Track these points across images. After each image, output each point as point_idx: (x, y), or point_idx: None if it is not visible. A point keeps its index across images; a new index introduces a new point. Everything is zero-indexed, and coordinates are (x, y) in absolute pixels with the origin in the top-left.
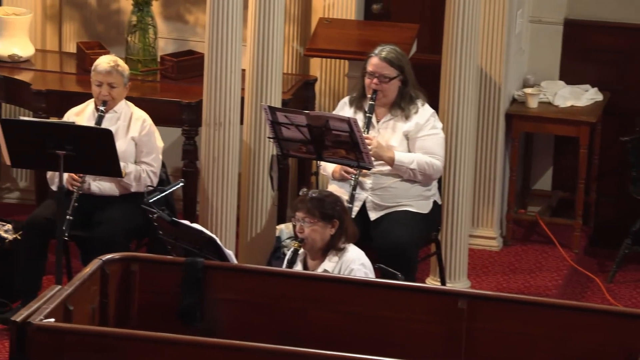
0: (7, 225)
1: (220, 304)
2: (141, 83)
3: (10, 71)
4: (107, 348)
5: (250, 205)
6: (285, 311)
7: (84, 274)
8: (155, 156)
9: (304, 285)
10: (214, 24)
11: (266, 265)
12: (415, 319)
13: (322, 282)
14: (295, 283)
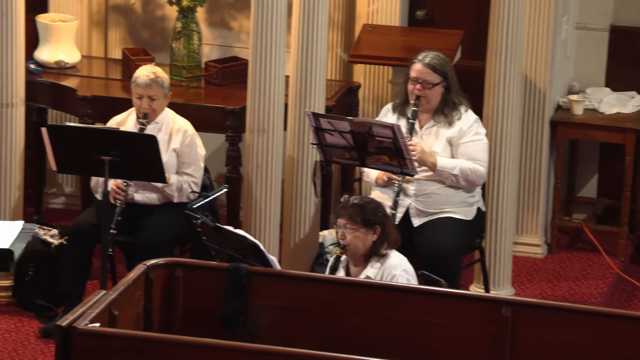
0: (53, 230)
1: (263, 309)
2: (185, 89)
3: (57, 77)
4: (151, 353)
5: (293, 211)
6: (328, 317)
7: (128, 279)
8: (197, 166)
9: (346, 292)
10: (258, 31)
11: (309, 272)
12: (459, 326)
13: (364, 289)
14: (337, 289)
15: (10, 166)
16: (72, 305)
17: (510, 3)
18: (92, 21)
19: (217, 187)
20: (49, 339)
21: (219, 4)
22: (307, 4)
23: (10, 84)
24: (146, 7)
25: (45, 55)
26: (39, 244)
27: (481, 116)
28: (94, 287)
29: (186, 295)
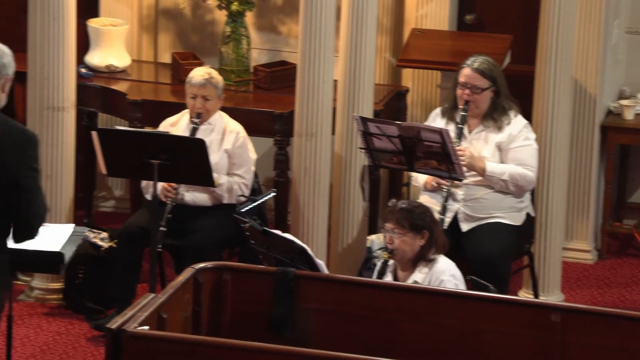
0: (102, 233)
1: (311, 313)
2: (234, 93)
3: (107, 81)
4: (199, 356)
5: (341, 215)
6: (375, 322)
7: (177, 282)
8: (247, 168)
9: (394, 296)
10: (307, 35)
11: (357, 276)
12: (507, 332)
13: (412, 293)
14: (385, 294)
15: (61, 170)
16: (121, 308)
17: (561, 7)
18: (142, 25)
19: (265, 191)
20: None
21: (268, 8)
22: (356, 8)
23: (61, 88)
24: (196, 11)
25: (96, 60)
26: (89, 247)
27: (531, 121)
28: (143, 290)
29: (234, 299)
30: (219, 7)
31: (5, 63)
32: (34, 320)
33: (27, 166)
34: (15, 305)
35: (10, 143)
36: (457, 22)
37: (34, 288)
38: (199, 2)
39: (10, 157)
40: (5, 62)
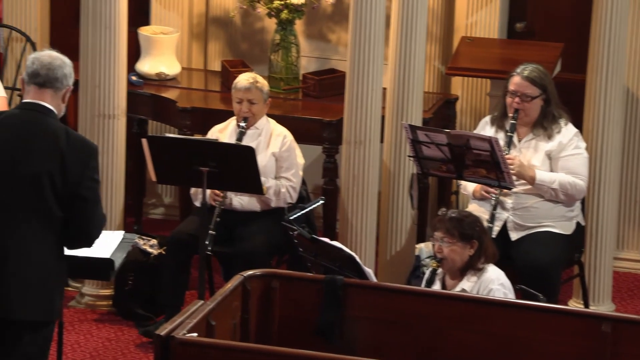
0: (152, 240)
1: (359, 321)
2: (283, 101)
3: (157, 89)
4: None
5: (390, 223)
6: (423, 330)
7: (225, 289)
8: (295, 172)
9: (442, 305)
10: (356, 43)
11: (405, 284)
12: (557, 341)
13: (460, 302)
14: (433, 302)
15: (112, 177)
16: (170, 314)
17: (612, 15)
18: (192, 33)
19: (313, 198)
20: (147, 348)
21: (317, 16)
22: (406, 16)
23: (112, 95)
24: (245, 19)
25: (147, 67)
26: (139, 254)
27: (581, 129)
28: (192, 297)
29: (282, 306)
30: (268, 15)
31: (66, 73)
32: (84, 326)
33: (88, 177)
34: (66, 311)
35: (72, 154)
36: (508, 30)
37: (84, 294)
38: (249, 10)
39: (72, 168)
40: (66, 73)
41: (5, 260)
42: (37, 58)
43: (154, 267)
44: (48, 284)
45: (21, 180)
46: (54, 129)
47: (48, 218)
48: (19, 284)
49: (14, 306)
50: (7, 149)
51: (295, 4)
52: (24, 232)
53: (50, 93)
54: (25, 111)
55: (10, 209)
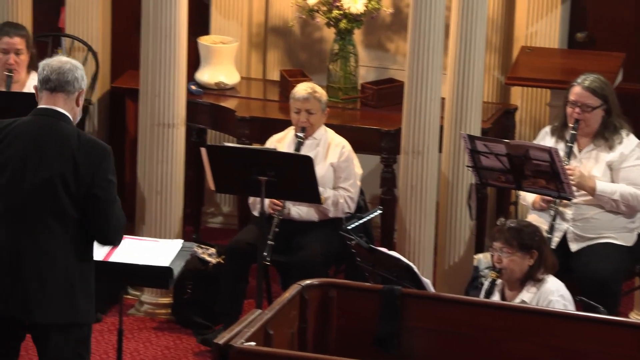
0: (210, 249)
1: (417, 332)
2: (341, 111)
3: (217, 98)
4: None
5: (448, 233)
6: (482, 341)
7: (283, 298)
8: (353, 182)
9: (501, 316)
10: (415, 53)
11: (463, 295)
12: (618, 354)
13: (519, 313)
14: (492, 313)
15: (171, 186)
16: (228, 323)
17: None
18: (251, 43)
19: (371, 208)
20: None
21: (376, 26)
22: (465, 26)
23: (172, 104)
24: (304, 29)
25: (206, 77)
26: (198, 263)
27: None
28: (250, 306)
29: (340, 316)
30: (327, 25)
31: (77, 77)
32: (143, 334)
33: (100, 177)
34: (126, 319)
35: (84, 156)
36: (568, 40)
37: (143, 302)
38: (308, 20)
39: (85, 169)
40: (77, 76)
41: (24, 263)
42: (47, 64)
43: (213, 275)
44: (69, 286)
45: (36, 185)
46: (67, 133)
47: (65, 220)
48: (37, 287)
49: (34, 309)
50: (22, 155)
51: (354, 14)
52: (41, 235)
53: (62, 97)
54: (38, 117)
55: (26, 213)
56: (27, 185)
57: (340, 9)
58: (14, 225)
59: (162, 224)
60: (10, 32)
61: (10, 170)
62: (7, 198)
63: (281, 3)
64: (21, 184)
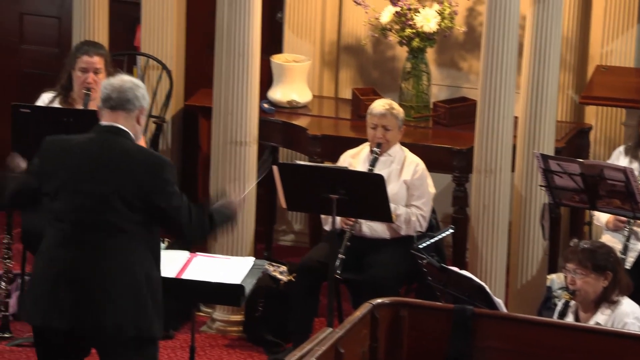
0: (282, 267)
1: (489, 352)
2: (413, 129)
3: (289, 116)
4: None
5: (520, 253)
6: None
7: (354, 317)
8: (426, 200)
9: (575, 337)
10: (488, 71)
11: (536, 315)
12: None
13: (594, 335)
14: (566, 334)
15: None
16: (299, 341)
17: None
18: (324, 61)
19: (443, 227)
20: None
21: (448, 44)
22: (539, 45)
23: (244, 122)
24: (377, 47)
25: (279, 95)
26: (269, 280)
27: None
28: (321, 324)
29: (411, 335)
30: (400, 44)
31: (137, 95)
32: (215, 351)
33: (161, 189)
34: (198, 336)
35: (144, 170)
36: None
37: (215, 320)
38: (381, 38)
39: (145, 183)
40: (137, 95)
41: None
42: (108, 83)
43: (284, 293)
44: (137, 301)
45: (99, 199)
46: (127, 148)
47: (130, 233)
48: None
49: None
50: (85, 171)
51: (427, 32)
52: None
53: (122, 115)
54: (99, 133)
55: (92, 227)
56: (87, 201)
57: (413, 28)
58: (80, 242)
59: (233, 242)
60: (90, 51)
61: (71, 186)
62: (71, 214)
63: (354, 22)
64: (83, 200)
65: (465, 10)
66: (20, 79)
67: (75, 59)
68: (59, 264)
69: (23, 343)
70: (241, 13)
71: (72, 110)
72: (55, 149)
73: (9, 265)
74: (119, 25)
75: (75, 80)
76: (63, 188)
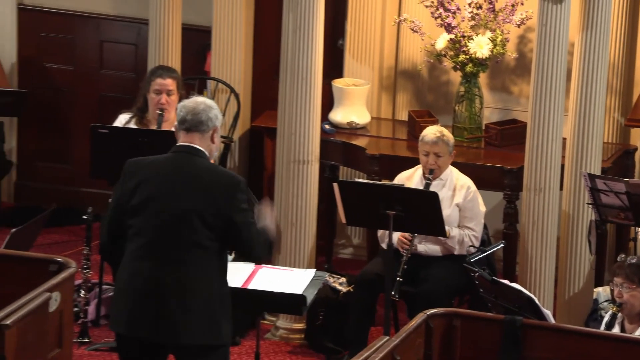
0: (341, 278)
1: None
2: (466, 149)
3: (348, 137)
4: None
5: (568, 267)
6: None
7: (409, 326)
8: (478, 221)
9: (622, 348)
10: (538, 95)
11: (583, 326)
12: None
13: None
14: (612, 345)
15: (305, 218)
16: (357, 349)
17: None
18: (382, 85)
19: (494, 242)
20: None
21: (500, 69)
22: (586, 70)
23: (307, 142)
24: (432, 72)
25: (339, 117)
26: (329, 291)
27: None
28: (378, 333)
29: (463, 345)
30: (454, 69)
31: (210, 116)
32: (278, 357)
33: (236, 207)
34: (262, 343)
35: (219, 188)
36: None
37: (279, 327)
38: (436, 64)
39: (220, 201)
40: (210, 116)
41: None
42: (183, 105)
43: (343, 303)
44: (210, 311)
45: (174, 217)
46: (202, 167)
47: (205, 248)
48: (182, 312)
49: (180, 332)
50: (161, 189)
51: (480, 58)
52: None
53: (197, 136)
54: (176, 153)
55: (170, 243)
56: (166, 218)
57: (467, 54)
58: (156, 256)
59: (296, 254)
60: (164, 74)
61: (151, 203)
62: (151, 230)
63: (411, 48)
64: (161, 216)
65: (516, 37)
66: (100, 102)
67: (150, 82)
68: (140, 277)
69: (100, 348)
70: (305, 40)
71: (147, 131)
72: (137, 169)
73: (87, 275)
74: (191, 52)
75: (149, 102)
76: (144, 205)
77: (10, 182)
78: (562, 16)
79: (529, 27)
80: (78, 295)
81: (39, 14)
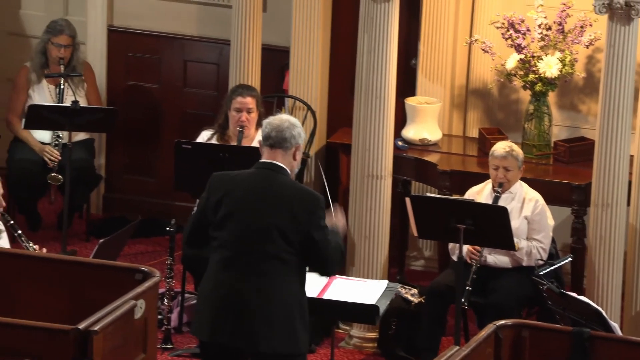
0: (413, 289)
1: None
2: (535, 165)
3: (420, 153)
4: None
5: (635, 281)
6: None
7: (479, 337)
8: (545, 234)
9: None
10: (606, 113)
11: None
12: None
13: None
14: None
15: (378, 231)
16: (428, 358)
17: None
18: (453, 103)
19: (562, 256)
20: None
21: (569, 88)
22: None
23: (380, 158)
24: (502, 91)
25: (412, 134)
26: (401, 302)
27: None
28: (448, 343)
29: (532, 356)
30: (523, 87)
31: (294, 134)
32: None
33: (315, 224)
34: (337, 351)
35: (300, 205)
36: None
37: (352, 336)
38: (506, 83)
39: (301, 217)
40: (294, 134)
41: (248, 301)
42: (269, 122)
43: (415, 314)
44: (289, 320)
45: (259, 230)
46: (284, 184)
47: (284, 261)
48: (262, 321)
49: (260, 340)
50: (245, 204)
51: (549, 78)
52: (265, 274)
53: (280, 153)
54: (259, 170)
55: (252, 255)
56: (249, 232)
57: (536, 73)
58: (238, 267)
59: (369, 266)
60: (244, 92)
61: (235, 217)
62: (234, 243)
63: (481, 67)
64: (244, 230)
65: (585, 57)
66: (183, 119)
67: (231, 100)
68: (224, 287)
69: (183, 354)
70: (379, 60)
71: (228, 146)
72: (222, 183)
73: (171, 284)
74: (270, 71)
75: (230, 119)
76: (227, 218)
77: (99, 195)
78: (629, 37)
79: (598, 47)
80: (162, 303)
81: (127, 36)
